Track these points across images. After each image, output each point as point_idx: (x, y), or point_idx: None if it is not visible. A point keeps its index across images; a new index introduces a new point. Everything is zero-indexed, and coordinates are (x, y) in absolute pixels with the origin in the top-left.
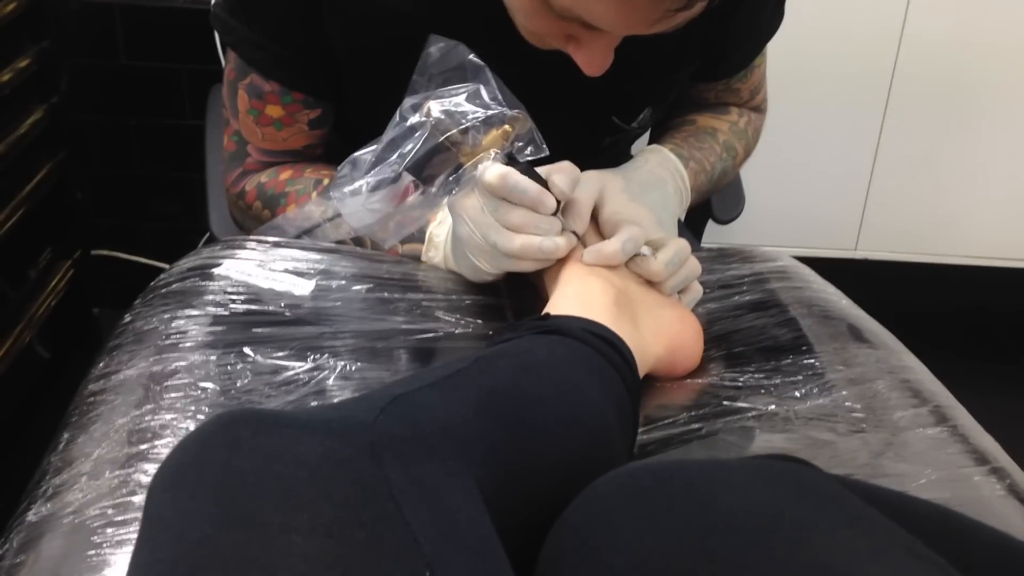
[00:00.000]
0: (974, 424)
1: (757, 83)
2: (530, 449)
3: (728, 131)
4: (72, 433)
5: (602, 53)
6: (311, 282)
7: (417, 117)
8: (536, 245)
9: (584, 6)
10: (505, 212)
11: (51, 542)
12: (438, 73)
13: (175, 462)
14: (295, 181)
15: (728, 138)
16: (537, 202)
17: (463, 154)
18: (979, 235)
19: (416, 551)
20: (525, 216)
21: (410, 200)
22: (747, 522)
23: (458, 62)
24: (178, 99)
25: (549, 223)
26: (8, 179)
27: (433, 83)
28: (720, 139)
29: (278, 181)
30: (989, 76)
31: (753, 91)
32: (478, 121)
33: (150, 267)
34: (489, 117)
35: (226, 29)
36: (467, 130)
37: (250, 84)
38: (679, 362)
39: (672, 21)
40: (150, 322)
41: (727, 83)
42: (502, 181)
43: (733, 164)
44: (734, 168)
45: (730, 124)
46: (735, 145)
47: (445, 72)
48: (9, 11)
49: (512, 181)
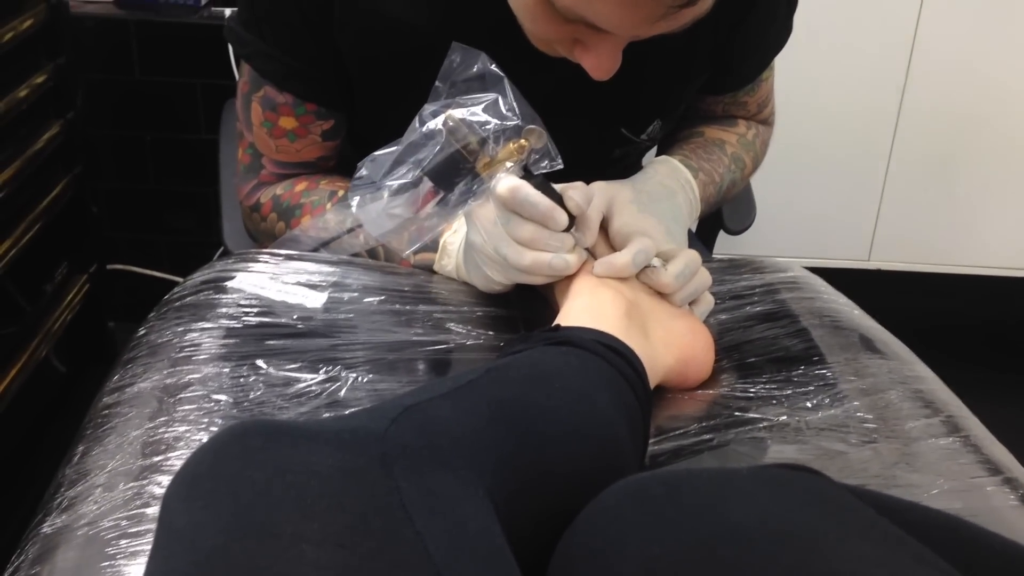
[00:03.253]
0: (987, 434)
1: (765, 96)
2: (541, 459)
3: (736, 143)
4: (87, 445)
5: (608, 56)
6: (323, 294)
7: (436, 124)
8: (546, 262)
9: (587, 5)
10: (516, 226)
11: (65, 554)
12: (460, 80)
13: (189, 472)
14: (310, 192)
15: (736, 150)
16: (548, 217)
17: (480, 164)
18: (992, 245)
19: (427, 561)
20: (535, 231)
21: (428, 208)
22: (757, 531)
23: (479, 71)
24: (193, 114)
25: (560, 239)
26: (24, 194)
27: (455, 90)
28: (728, 151)
29: (293, 193)
30: (1003, 83)
31: (761, 104)
32: (496, 132)
33: (165, 281)
34: (506, 129)
35: (240, 42)
36: (484, 140)
37: (264, 96)
38: (690, 373)
39: (677, 20)
40: (164, 335)
41: (734, 96)
42: (513, 194)
43: (741, 176)
44: (742, 180)
45: (738, 136)
46: (743, 157)
47: (467, 80)
48: (25, 28)
49: (523, 195)
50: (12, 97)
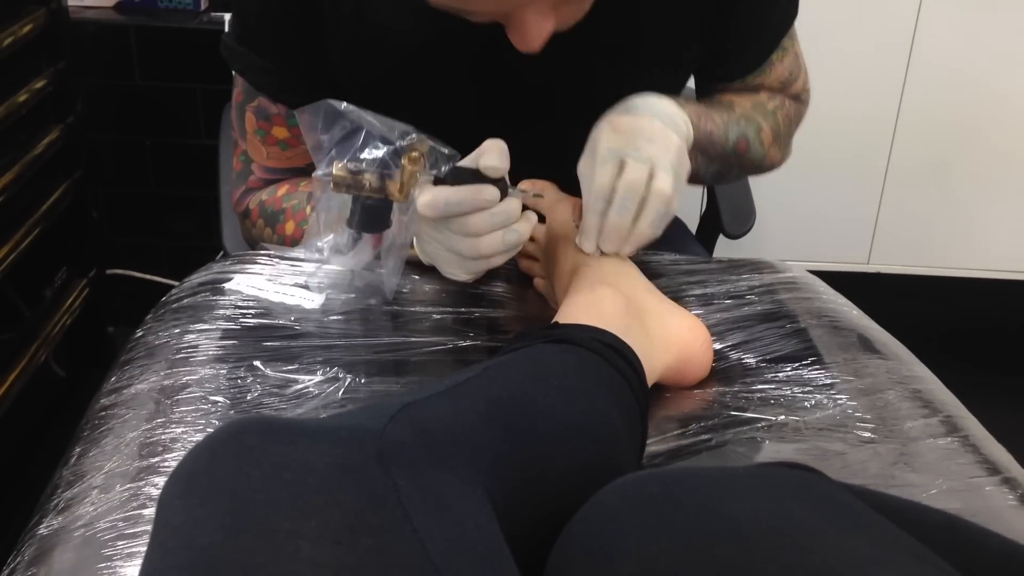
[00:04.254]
0: (985, 434)
1: (784, 75)
2: (539, 457)
3: (750, 107)
4: (84, 447)
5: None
6: (321, 295)
7: (330, 185)
8: (499, 241)
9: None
10: (458, 224)
11: (62, 555)
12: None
13: (185, 469)
14: (291, 196)
15: (747, 111)
16: (478, 202)
17: (394, 194)
18: (991, 247)
19: (424, 558)
20: (478, 219)
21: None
22: (754, 529)
23: (334, 117)
24: (192, 119)
25: (504, 213)
26: (24, 198)
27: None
28: (736, 110)
29: (276, 198)
30: (1001, 86)
31: (784, 83)
32: (385, 160)
33: (165, 285)
34: (394, 151)
35: (234, 57)
36: (381, 174)
37: (258, 106)
38: (688, 371)
39: None
40: (161, 337)
41: (743, 82)
42: (434, 206)
43: (758, 138)
44: (761, 145)
45: (754, 103)
46: (757, 119)
47: (329, 131)
48: (26, 33)
49: (443, 199)
50: (12, 102)
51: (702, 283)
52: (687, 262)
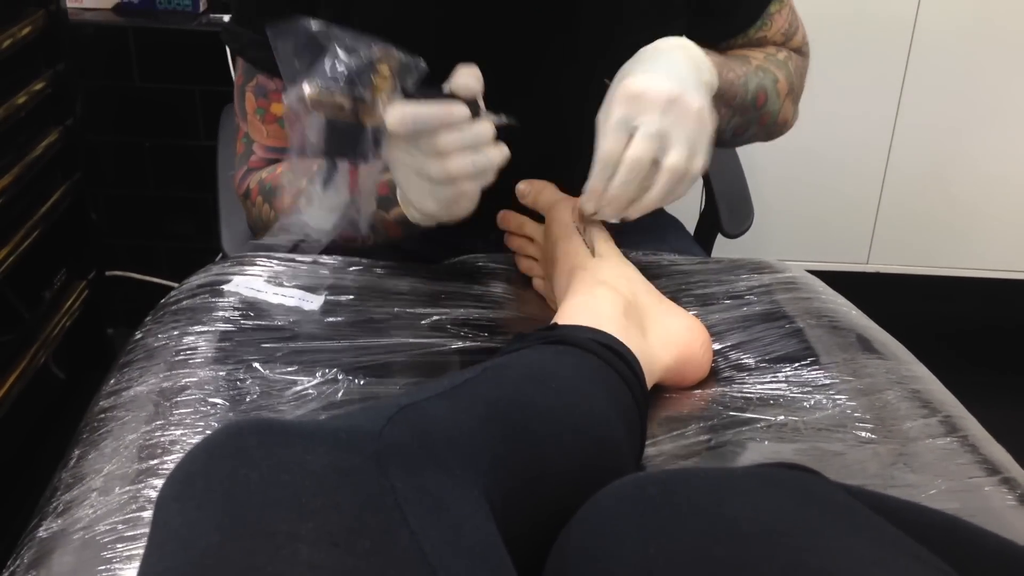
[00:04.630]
0: (984, 434)
1: (783, 27)
2: (537, 459)
3: (763, 58)
4: (83, 449)
5: None
6: (320, 297)
7: (301, 107)
8: (469, 162)
9: None
10: (427, 142)
11: (61, 558)
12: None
13: (183, 471)
14: (288, 173)
15: (763, 64)
16: (447, 116)
17: (364, 117)
18: (991, 247)
19: (422, 560)
20: (448, 137)
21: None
22: (752, 530)
23: (305, 37)
24: (192, 120)
25: (474, 134)
26: (24, 200)
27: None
28: (752, 63)
29: (274, 175)
30: (1000, 86)
31: (787, 35)
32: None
33: (164, 287)
34: (360, 69)
35: (233, 37)
36: (352, 95)
37: (257, 85)
38: (687, 372)
39: None
40: (160, 339)
41: (746, 36)
42: (403, 120)
43: (775, 89)
44: (778, 97)
45: (765, 55)
46: (772, 70)
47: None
48: (24, 35)
49: (411, 114)
50: (11, 104)
51: (701, 283)
52: (686, 262)
